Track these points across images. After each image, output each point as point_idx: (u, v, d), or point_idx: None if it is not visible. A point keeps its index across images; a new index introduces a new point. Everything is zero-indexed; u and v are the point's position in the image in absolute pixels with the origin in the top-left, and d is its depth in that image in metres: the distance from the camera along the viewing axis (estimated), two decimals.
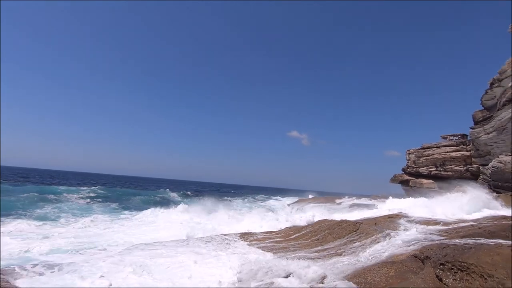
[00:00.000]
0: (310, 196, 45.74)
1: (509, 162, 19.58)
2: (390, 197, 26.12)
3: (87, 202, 22.30)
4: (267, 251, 7.70)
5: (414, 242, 6.31)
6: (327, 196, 43.29)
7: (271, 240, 9.30)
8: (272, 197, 50.19)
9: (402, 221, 9.41)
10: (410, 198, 23.01)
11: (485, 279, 3.53)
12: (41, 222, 13.13)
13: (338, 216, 12.69)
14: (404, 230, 7.96)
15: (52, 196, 22.02)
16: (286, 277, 4.98)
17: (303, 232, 9.63)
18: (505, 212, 10.84)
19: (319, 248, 7.66)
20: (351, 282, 4.73)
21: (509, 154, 20.46)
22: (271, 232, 10.74)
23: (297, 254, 7.08)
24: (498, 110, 23.87)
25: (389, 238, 7.05)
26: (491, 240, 5.23)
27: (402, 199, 22.49)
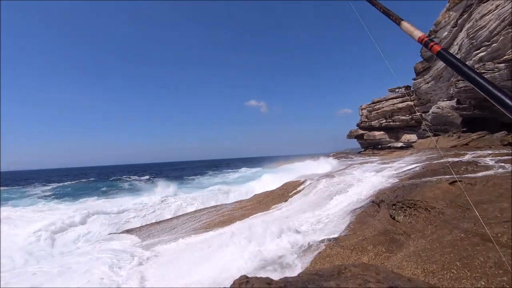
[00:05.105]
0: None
1: (446, 107, 21.85)
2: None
3: None
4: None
5: (371, 189, 6.95)
6: (290, 160, 44.50)
7: (243, 208, 9.59)
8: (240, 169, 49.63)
9: (358, 171, 10.22)
10: None
11: (429, 211, 4.05)
12: None
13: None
14: (360, 180, 8.68)
15: None
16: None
17: (271, 196, 10.04)
18: None
19: (290, 207, 8.11)
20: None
21: (446, 99, 22.77)
22: (240, 201, 11.05)
23: (273, 214, 7.43)
24: (435, 60, 25.98)
25: (350, 188, 7.68)
26: (434, 177, 5.96)
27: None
